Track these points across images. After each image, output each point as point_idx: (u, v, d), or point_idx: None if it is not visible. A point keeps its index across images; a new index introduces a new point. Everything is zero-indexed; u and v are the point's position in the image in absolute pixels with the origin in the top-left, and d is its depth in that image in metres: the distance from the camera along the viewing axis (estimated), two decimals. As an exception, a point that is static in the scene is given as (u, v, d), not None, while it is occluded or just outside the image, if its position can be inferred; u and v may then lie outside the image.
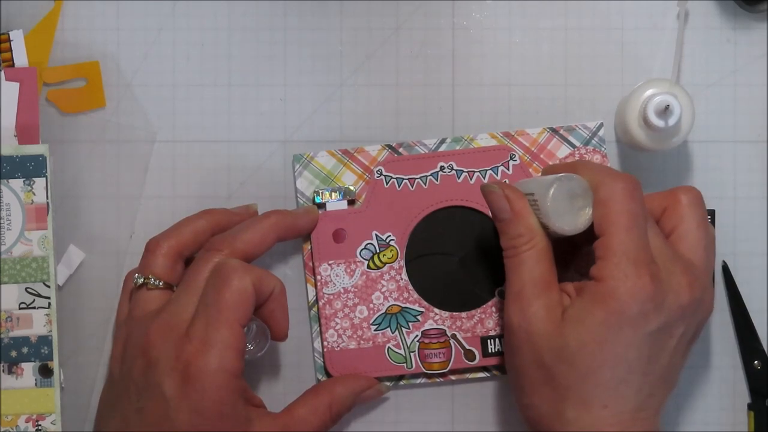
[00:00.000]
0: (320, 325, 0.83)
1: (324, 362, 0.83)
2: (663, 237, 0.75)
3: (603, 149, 0.83)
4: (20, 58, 0.83)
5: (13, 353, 0.81)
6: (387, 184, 0.83)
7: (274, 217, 0.80)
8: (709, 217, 0.84)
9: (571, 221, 0.74)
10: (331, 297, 0.83)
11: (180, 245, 0.80)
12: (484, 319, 0.83)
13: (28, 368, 0.81)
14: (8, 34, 0.83)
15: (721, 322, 0.85)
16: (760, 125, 0.85)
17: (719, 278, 0.85)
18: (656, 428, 0.74)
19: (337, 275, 0.83)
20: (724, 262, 0.84)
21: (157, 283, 0.79)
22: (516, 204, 0.76)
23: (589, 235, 0.74)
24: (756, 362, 0.84)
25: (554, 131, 0.84)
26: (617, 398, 0.72)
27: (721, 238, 0.84)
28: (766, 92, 0.85)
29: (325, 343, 0.83)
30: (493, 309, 0.83)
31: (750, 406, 0.84)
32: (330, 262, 0.83)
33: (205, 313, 0.74)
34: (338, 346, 0.83)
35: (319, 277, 0.83)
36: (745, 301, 0.84)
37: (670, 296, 0.73)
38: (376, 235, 0.83)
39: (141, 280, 0.79)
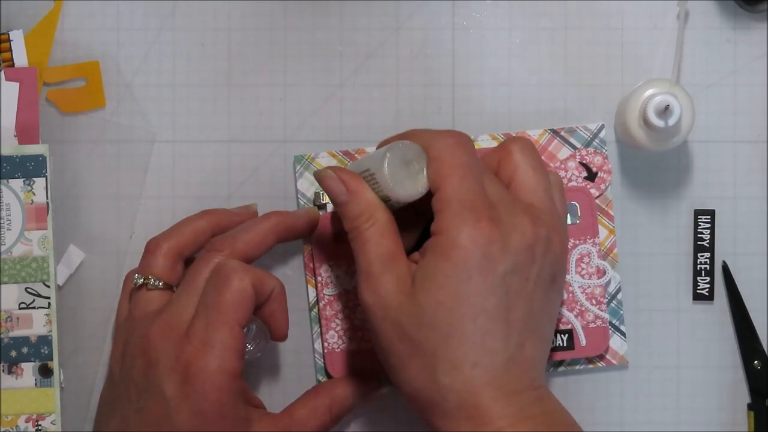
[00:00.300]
0: (321, 326, 0.83)
1: (324, 363, 0.83)
2: (501, 184, 0.74)
3: (604, 151, 0.83)
4: (20, 58, 0.83)
5: (13, 353, 0.81)
6: (387, 184, 0.83)
7: (275, 218, 0.80)
8: (709, 216, 0.84)
9: (411, 186, 0.73)
10: (332, 298, 0.83)
11: (180, 245, 0.80)
12: (484, 320, 0.83)
13: (28, 368, 0.81)
14: (8, 34, 0.83)
15: (721, 322, 0.85)
16: (760, 125, 0.85)
17: (719, 278, 0.85)
18: (536, 382, 0.72)
19: (337, 276, 0.83)
20: (724, 262, 0.84)
21: (156, 283, 0.78)
22: (351, 183, 0.74)
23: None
24: (756, 362, 0.84)
25: (555, 133, 0.84)
26: (486, 353, 0.70)
27: (721, 238, 0.84)
28: (766, 92, 0.85)
29: (326, 344, 0.83)
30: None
31: (750, 406, 0.84)
32: (331, 263, 0.83)
33: (204, 313, 0.74)
34: (339, 348, 0.83)
35: (319, 278, 0.83)
36: (745, 301, 0.84)
37: (514, 236, 0.71)
38: (377, 235, 0.83)
39: (141, 281, 0.79)
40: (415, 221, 0.77)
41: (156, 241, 0.79)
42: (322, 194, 0.83)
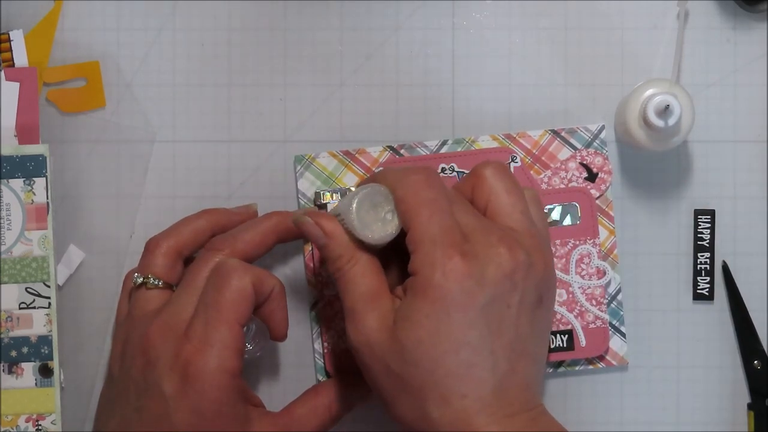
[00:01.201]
0: (321, 326, 0.83)
1: (324, 363, 0.83)
2: (476, 213, 0.74)
3: (604, 151, 0.83)
4: (20, 58, 0.83)
5: (13, 353, 0.81)
6: (387, 184, 0.83)
7: (275, 218, 0.80)
8: (709, 216, 0.84)
9: (381, 229, 0.74)
10: (332, 298, 0.83)
11: (179, 245, 0.80)
12: (484, 320, 0.83)
13: (28, 368, 0.81)
14: (8, 34, 0.83)
15: (721, 322, 0.85)
16: (760, 125, 0.85)
17: (719, 278, 0.85)
18: (531, 403, 0.72)
19: (337, 276, 0.83)
20: (724, 262, 0.84)
21: (156, 282, 0.79)
22: (327, 227, 0.74)
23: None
24: (756, 362, 0.84)
25: (556, 133, 0.84)
26: (473, 384, 0.70)
27: (721, 238, 0.84)
28: (766, 92, 0.85)
29: (326, 344, 0.83)
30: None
31: (750, 406, 0.84)
32: (331, 263, 0.83)
33: (204, 312, 0.74)
34: (339, 348, 0.83)
35: (319, 278, 0.83)
36: (745, 301, 0.84)
37: (490, 267, 0.71)
38: (377, 235, 0.83)
39: (140, 280, 0.79)
40: (402, 256, 0.77)
41: (156, 240, 0.79)
42: (323, 194, 0.83)
